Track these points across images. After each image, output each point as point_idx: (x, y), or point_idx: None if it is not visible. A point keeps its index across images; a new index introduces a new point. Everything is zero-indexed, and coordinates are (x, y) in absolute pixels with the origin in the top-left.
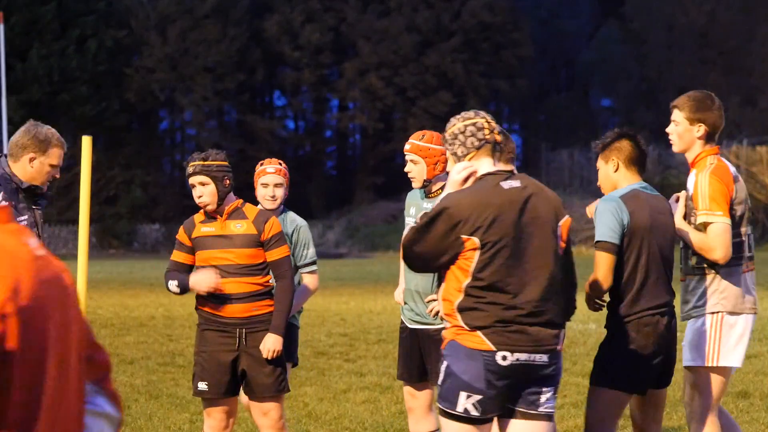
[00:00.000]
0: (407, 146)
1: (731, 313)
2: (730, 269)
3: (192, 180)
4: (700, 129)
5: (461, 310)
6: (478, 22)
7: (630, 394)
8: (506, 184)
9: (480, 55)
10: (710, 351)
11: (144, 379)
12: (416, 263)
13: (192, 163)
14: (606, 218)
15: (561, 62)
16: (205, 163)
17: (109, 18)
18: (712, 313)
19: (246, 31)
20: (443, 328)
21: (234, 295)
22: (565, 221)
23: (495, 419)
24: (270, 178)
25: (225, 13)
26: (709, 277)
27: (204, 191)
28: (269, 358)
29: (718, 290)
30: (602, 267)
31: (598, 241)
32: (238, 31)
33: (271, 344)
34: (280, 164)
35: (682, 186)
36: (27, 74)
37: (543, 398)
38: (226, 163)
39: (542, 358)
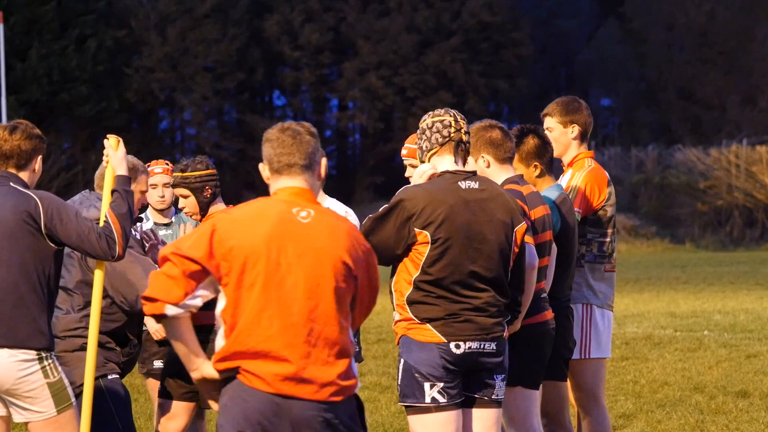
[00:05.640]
0: (404, 151)
1: (600, 307)
2: (594, 265)
3: (174, 192)
4: (574, 129)
5: (410, 302)
6: (477, 21)
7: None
8: (464, 184)
9: (480, 54)
10: (583, 343)
11: (144, 379)
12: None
13: (173, 174)
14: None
15: (561, 62)
16: (184, 174)
17: (109, 18)
18: (583, 304)
19: (246, 31)
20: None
21: None
22: (521, 227)
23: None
24: (158, 178)
25: (225, 13)
26: (579, 270)
27: (186, 203)
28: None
29: (584, 283)
30: None
31: None
32: (238, 31)
33: None
34: (167, 164)
35: (682, 185)
36: (27, 74)
37: (496, 386)
38: (207, 172)
39: (491, 345)
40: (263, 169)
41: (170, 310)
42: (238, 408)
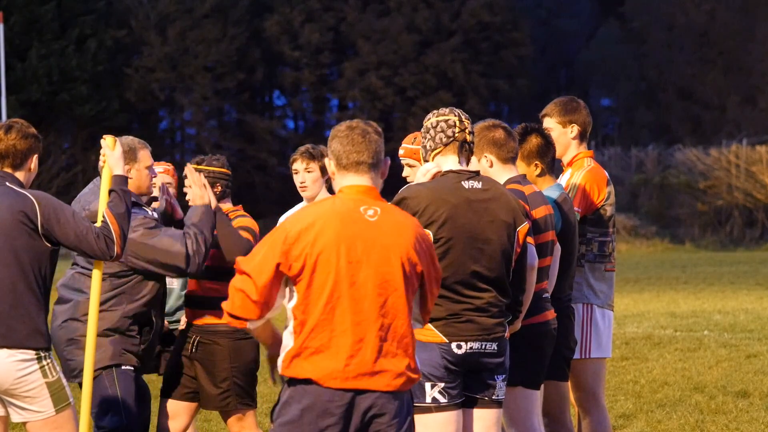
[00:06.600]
0: (401, 151)
1: (600, 307)
2: (594, 265)
3: (186, 183)
4: (573, 129)
5: None
6: (477, 21)
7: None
8: (467, 184)
9: (480, 54)
10: (583, 343)
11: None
12: None
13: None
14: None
15: (561, 62)
16: (198, 167)
17: (109, 18)
18: (583, 304)
19: (246, 31)
20: None
21: (193, 297)
22: (523, 227)
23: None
24: (158, 178)
25: (225, 13)
26: (579, 269)
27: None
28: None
29: (584, 283)
30: None
31: None
32: (238, 31)
33: None
34: (169, 165)
35: (682, 185)
36: (27, 74)
37: (497, 386)
38: (221, 170)
39: (492, 346)
40: (329, 164)
41: (253, 324)
42: (306, 405)
